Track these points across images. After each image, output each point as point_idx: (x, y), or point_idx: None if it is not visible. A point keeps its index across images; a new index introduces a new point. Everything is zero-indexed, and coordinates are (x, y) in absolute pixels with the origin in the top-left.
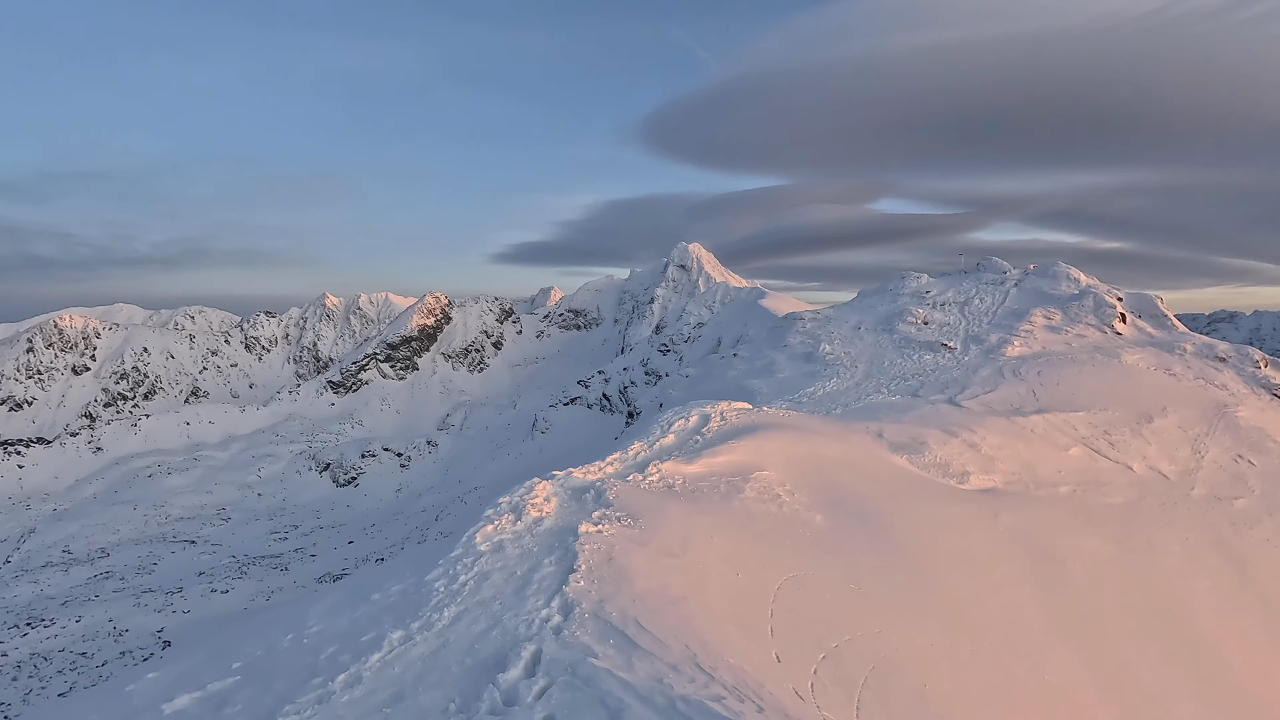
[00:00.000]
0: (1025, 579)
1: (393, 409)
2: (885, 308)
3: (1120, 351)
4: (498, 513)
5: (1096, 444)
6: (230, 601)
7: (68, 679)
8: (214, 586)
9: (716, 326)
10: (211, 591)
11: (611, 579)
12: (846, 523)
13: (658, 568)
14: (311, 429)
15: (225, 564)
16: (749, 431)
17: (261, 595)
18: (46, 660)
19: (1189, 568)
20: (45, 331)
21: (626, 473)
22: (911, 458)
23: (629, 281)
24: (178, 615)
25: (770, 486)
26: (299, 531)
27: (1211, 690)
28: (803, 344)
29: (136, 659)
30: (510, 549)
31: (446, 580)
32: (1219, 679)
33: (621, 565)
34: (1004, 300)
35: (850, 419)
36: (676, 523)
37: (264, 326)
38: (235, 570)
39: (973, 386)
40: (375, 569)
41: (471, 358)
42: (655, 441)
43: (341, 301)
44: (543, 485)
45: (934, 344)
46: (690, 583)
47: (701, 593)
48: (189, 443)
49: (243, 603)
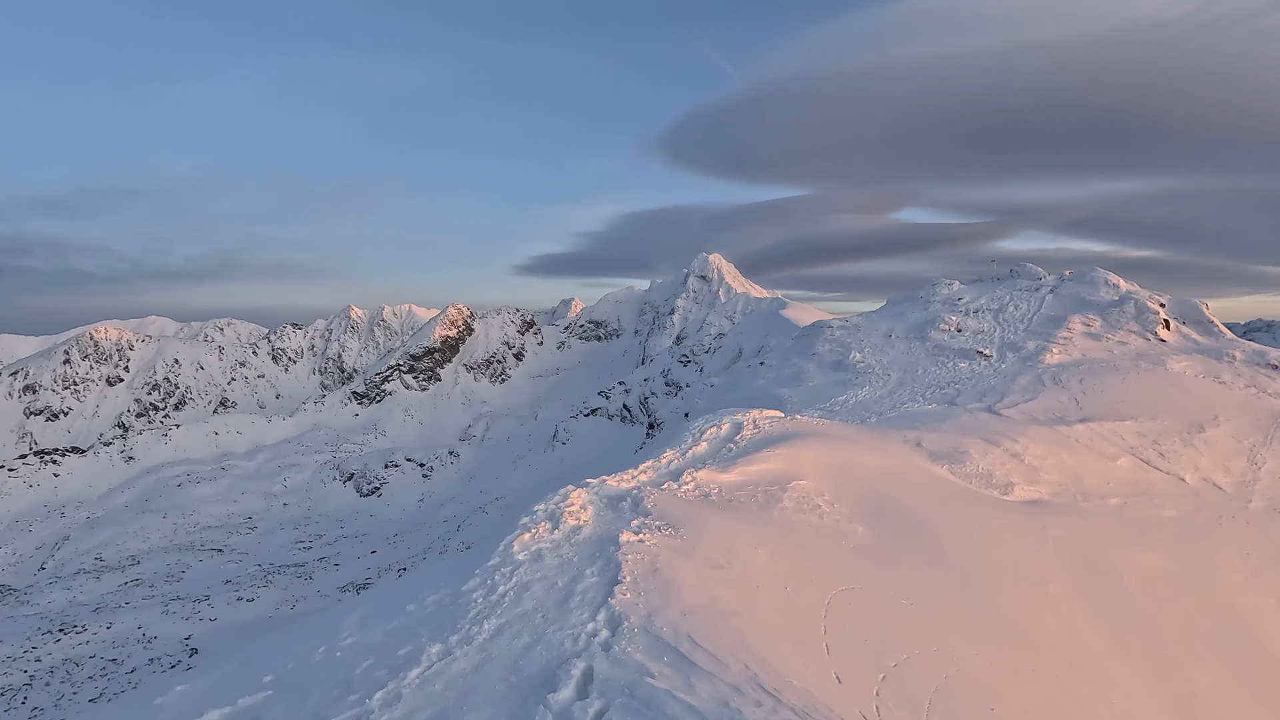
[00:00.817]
0: (1080, 595)
1: (415, 419)
2: (916, 315)
3: (1165, 359)
4: (534, 521)
5: (1145, 454)
6: (256, 610)
7: (98, 685)
8: (240, 595)
9: (737, 337)
10: (238, 600)
11: (658, 591)
12: (890, 535)
13: (704, 580)
14: (336, 439)
15: (251, 572)
16: (784, 439)
17: (286, 604)
18: (78, 666)
19: (1253, 584)
20: (81, 344)
21: (661, 481)
22: (952, 467)
23: (649, 293)
24: (204, 623)
25: (809, 496)
26: (323, 541)
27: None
28: (832, 352)
29: (164, 666)
30: (549, 558)
31: (484, 591)
32: None
33: (667, 577)
34: (1040, 307)
35: (887, 427)
36: (718, 532)
37: (290, 338)
38: (261, 579)
39: (1012, 395)
40: (408, 579)
41: (493, 368)
42: (688, 449)
43: (366, 313)
44: (578, 493)
45: (969, 351)
46: (739, 596)
47: (751, 607)
48: (217, 452)
49: (268, 611)
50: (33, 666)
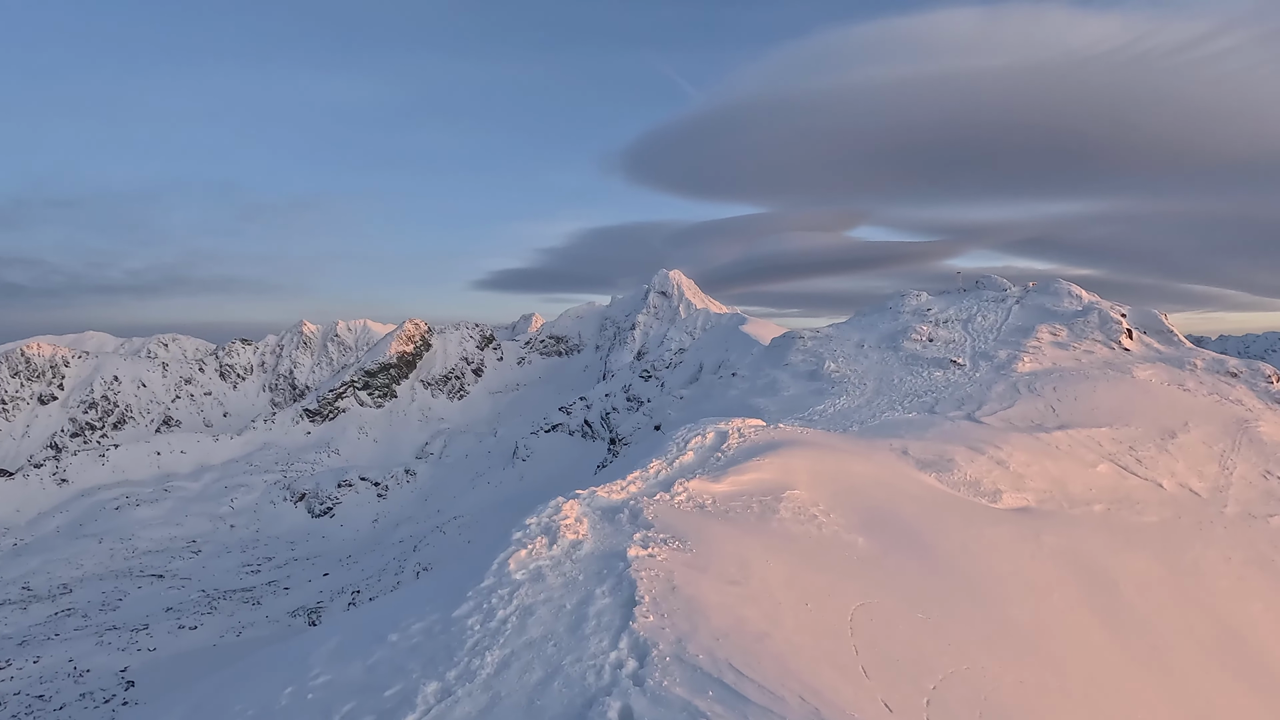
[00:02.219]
0: (1083, 604)
1: (370, 437)
2: (887, 325)
3: (1131, 367)
4: (528, 536)
5: (1123, 460)
6: (199, 638)
7: None
8: (182, 623)
9: (698, 352)
10: (179, 628)
11: (683, 612)
12: (891, 546)
13: (726, 598)
14: (287, 458)
15: (194, 599)
16: (771, 448)
17: (232, 631)
18: (1, 704)
19: (1239, 589)
20: (11, 360)
21: (652, 491)
22: (940, 475)
23: (610, 308)
24: (143, 654)
25: (805, 506)
26: (272, 564)
27: None
28: (805, 362)
29: (98, 701)
30: (551, 577)
31: (481, 616)
32: None
33: (688, 595)
34: (1007, 317)
35: (871, 436)
36: (726, 545)
37: (239, 354)
38: (205, 605)
39: (990, 402)
40: (385, 604)
41: (451, 385)
42: (675, 459)
43: (319, 329)
44: (571, 505)
45: (942, 360)
46: (765, 615)
47: (780, 627)
48: (159, 473)
49: (212, 639)
50: None
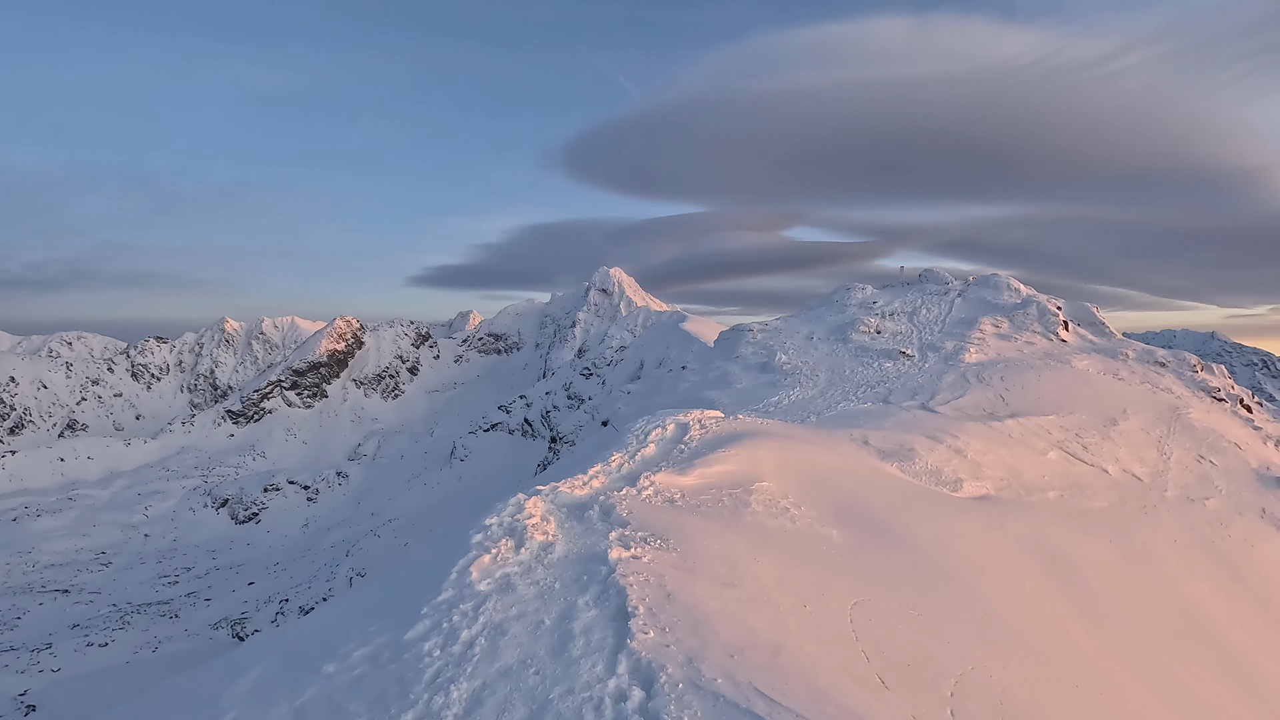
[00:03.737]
0: (1054, 592)
1: (299, 439)
2: (835, 318)
3: (1070, 357)
4: (490, 538)
5: (1071, 447)
6: (110, 655)
7: None
8: (90, 640)
9: (639, 349)
10: (87, 645)
11: (686, 624)
12: (865, 539)
13: (726, 603)
14: (208, 462)
15: (104, 614)
16: (735, 440)
17: (147, 647)
18: None
19: (1187, 571)
20: None
21: (617, 486)
22: (902, 465)
23: (550, 305)
24: (45, 675)
25: (775, 499)
26: (192, 574)
27: (1262, 703)
28: (756, 354)
29: None
30: (523, 587)
31: (441, 638)
32: (1262, 689)
33: (686, 604)
34: (950, 310)
35: (830, 426)
36: (710, 542)
37: (154, 353)
38: (116, 621)
39: (942, 392)
40: (316, 623)
41: (385, 384)
42: (636, 452)
43: (243, 326)
44: (534, 502)
45: (892, 352)
46: (770, 623)
47: (788, 635)
48: (63, 481)
49: (124, 656)
50: None
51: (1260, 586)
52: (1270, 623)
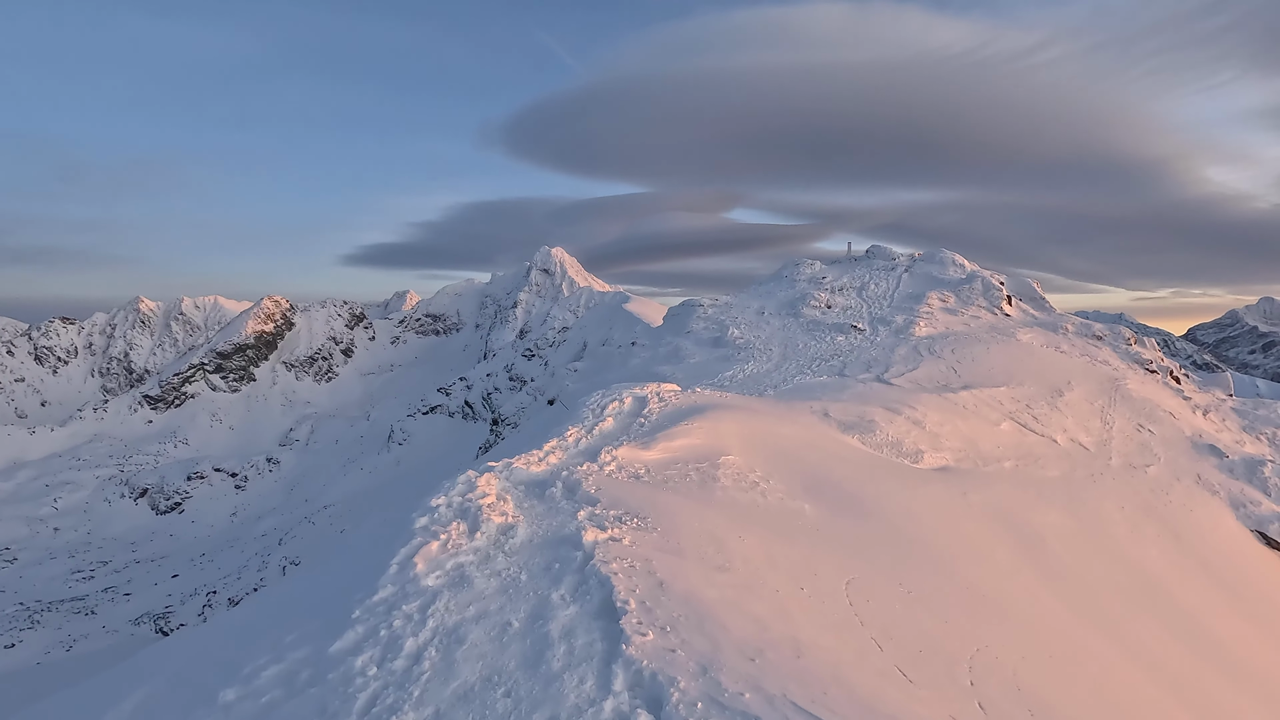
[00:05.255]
0: (1024, 563)
1: (225, 425)
2: (785, 293)
3: (1014, 331)
4: (438, 521)
5: (1022, 418)
6: (19, 656)
7: None
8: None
9: (582, 330)
10: None
11: (689, 621)
12: (837, 512)
13: (725, 591)
14: (123, 450)
15: (11, 613)
16: (696, 412)
17: (60, 645)
18: None
19: (1136, 538)
20: None
21: (577, 461)
22: (863, 437)
23: (490, 285)
24: None
25: (743, 472)
26: (109, 568)
27: (1224, 665)
28: (707, 330)
29: None
30: (481, 579)
31: (379, 650)
32: (1220, 652)
33: (682, 593)
34: (898, 285)
35: (788, 399)
36: (690, 520)
37: (60, 335)
38: (24, 620)
39: (896, 365)
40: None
41: (318, 366)
42: (594, 426)
43: (160, 306)
44: (486, 479)
45: (843, 326)
46: (777, 612)
47: (800, 627)
48: None
49: (36, 657)
50: None
51: (1200, 549)
52: (1212, 583)
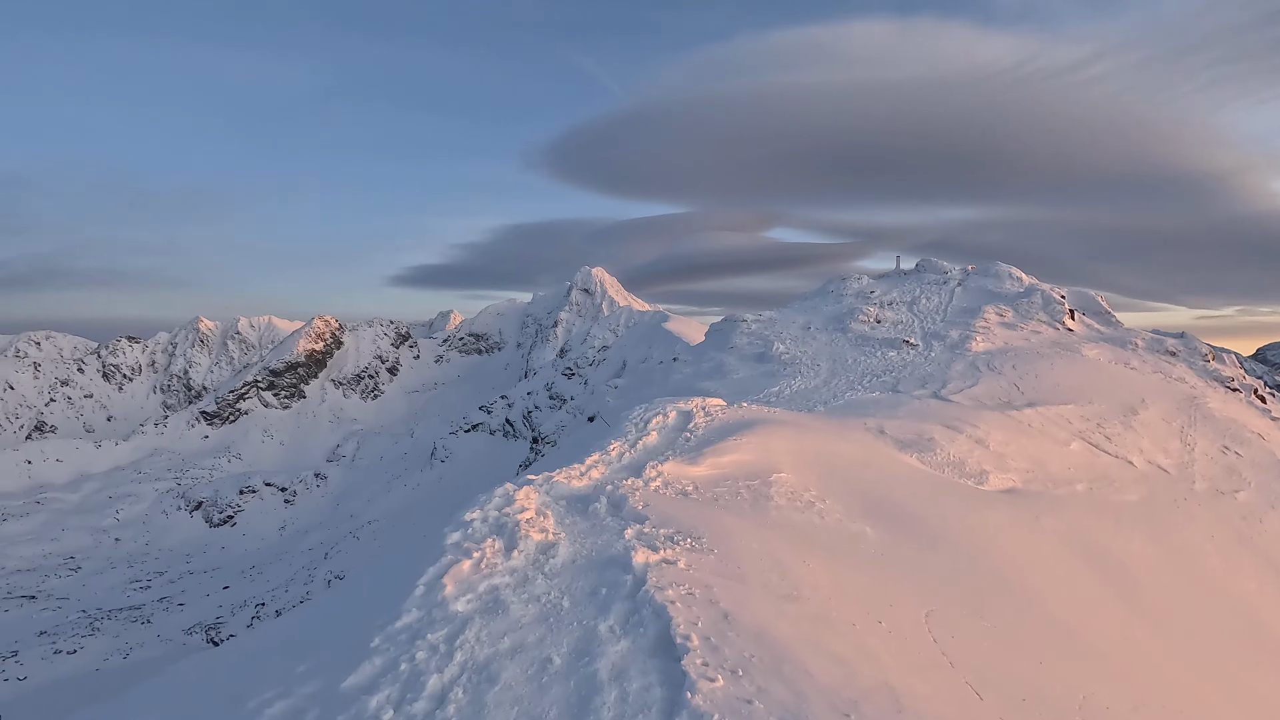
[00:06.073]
0: (1109, 594)
1: (276, 440)
2: (831, 308)
3: (1078, 346)
4: (471, 538)
5: (1093, 438)
6: (79, 663)
7: None
8: (58, 647)
9: (621, 349)
10: (55, 653)
11: (764, 664)
12: (901, 536)
13: (799, 626)
14: (181, 464)
15: (73, 620)
16: (744, 428)
17: (118, 653)
18: None
19: (1229, 569)
20: None
21: (620, 476)
22: (922, 456)
23: (532, 305)
24: (12, 684)
25: (797, 491)
26: (164, 579)
27: None
28: (751, 345)
29: None
30: (518, 605)
31: (396, 689)
32: None
33: (752, 628)
34: (951, 299)
35: (840, 415)
36: (749, 541)
37: (126, 353)
38: (85, 627)
39: (954, 380)
40: (236, 651)
41: (365, 384)
42: (637, 440)
43: (218, 325)
44: (524, 492)
45: (894, 341)
46: (860, 652)
47: (889, 671)
48: (30, 484)
49: (94, 664)
50: None
51: None
52: None
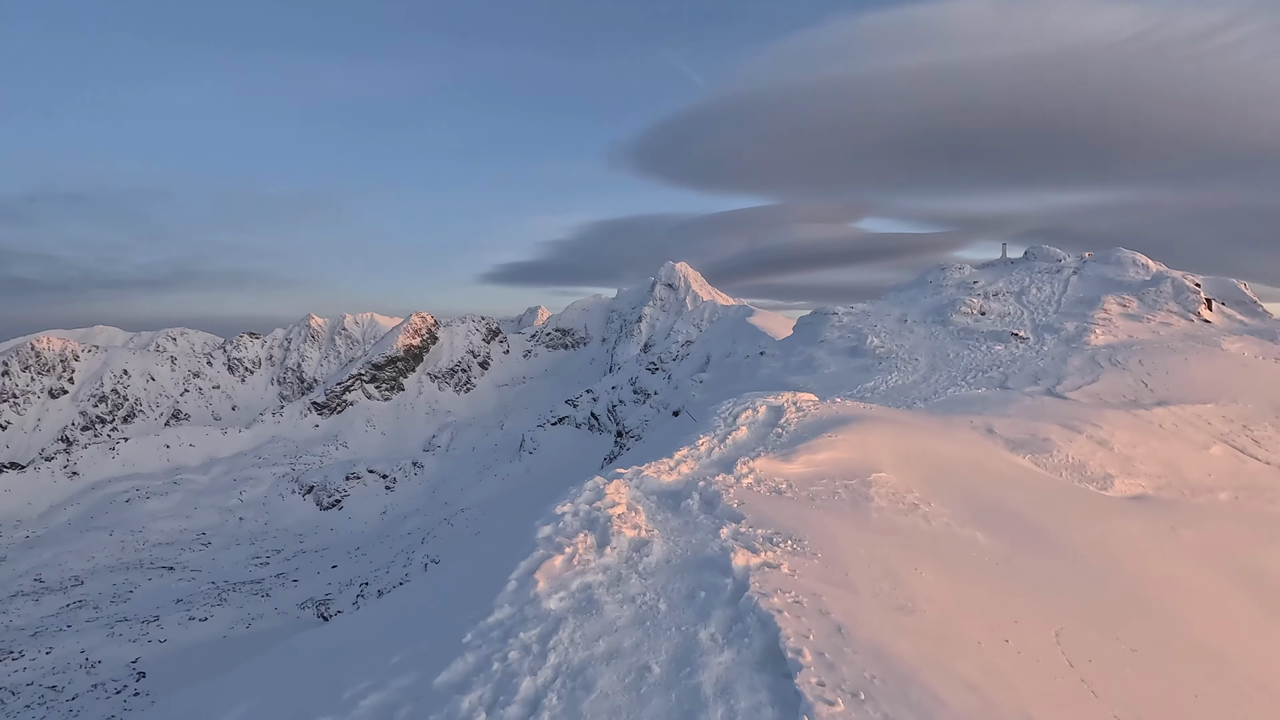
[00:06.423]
0: (1265, 618)
1: (378, 430)
2: (929, 300)
3: (1217, 339)
4: (563, 532)
5: (1239, 441)
6: (209, 629)
7: (35, 713)
8: (192, 614)
9: (705, 344)
10: (189, 619)
11: (885, 687)
12: (1016, 543)
13: (920, 643)
14: (295, 451)
15: (204, 591)
16: (840, 424)
17: (241, 623)
18: (14, 694)
19: None
20: (22, 354)
21: (710, 472)
22: (1036, 457)
23: (616, 300)
24: (153, 645)
25: (899, 492)
26: (281, 556)
27: None
28: (843, 339)
29: (109, 691)
30: (612, 606)
31: (489, 690)
32: None
33: (868, 644)
34: (1065, 289)
35: (943, 412)
36: (852, 545)
37: (247, 348)
38: (214, 597)
39: (1070, 376)
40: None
41: (458, 378)
42: (727, 436)
43: (327, 322)
44: (615, 486)
45: (1001, 334)
46: (988, 674)
47: (1024, 699)
48: (169, 466)
49: (222, 631)
50: None
51: None
52: None
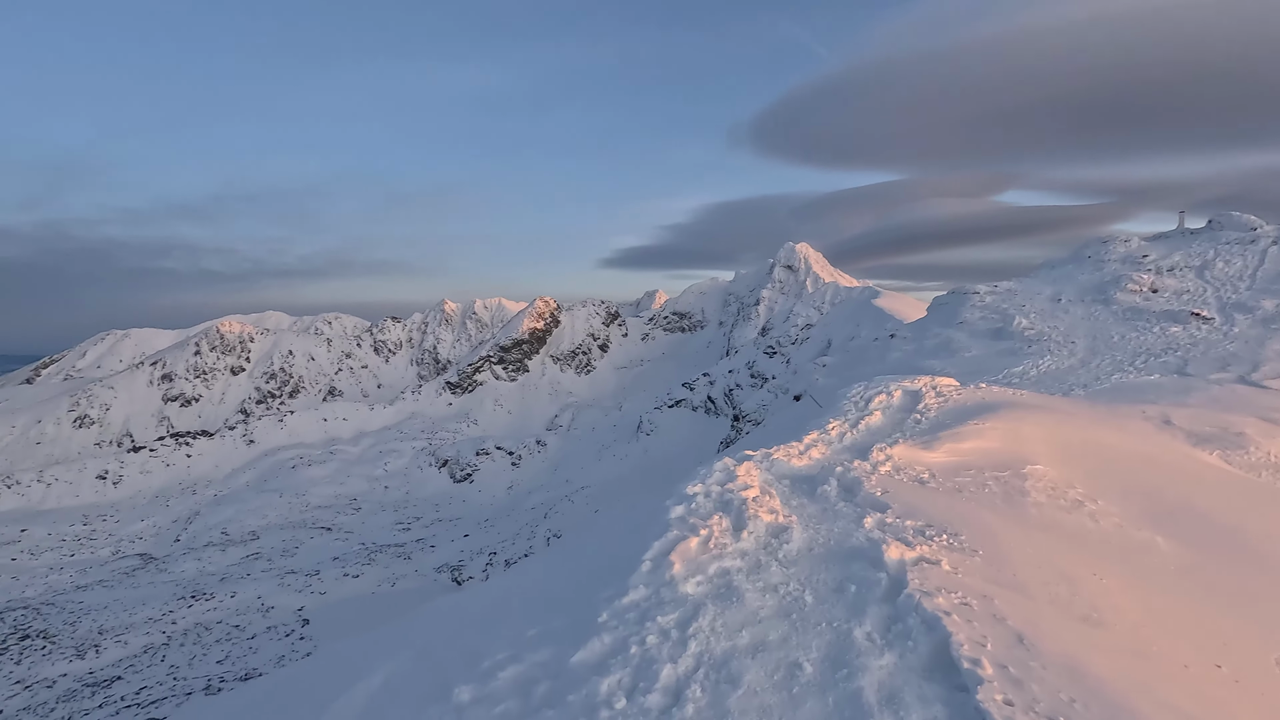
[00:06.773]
0: None
1: (505, 409)
2: (1088, 276)
3: None
4: (696, 514)
5: None
6: (360, 585)
7: (224, 648)
8: (346, 571)
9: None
10: (344, 575)
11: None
12: (1210, 553)
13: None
14: (431, 427)
15: (356, 550)
16: (987, 411)
17: (387, 581)
18: (207, 630)
19: None
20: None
21: (844, 458)
22: (1226, 454)
23: (734, 283)
24: (316, 596)
25: (1059, 488)
26: (420, 523)
27: None
28: (985, 320)
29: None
30: (752, 593)
31: (628, 674)
32: None
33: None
34: (1261, 262)
35: (1108, 401)
36: (1017, 543)
37: (390, 331)
38: (364, 557)
39: (1271, 362)
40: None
41: (579, 360)
42: (860, 420)
43: (459, 307)
44: (745, 467)
45: (1178, 314)
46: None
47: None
48: (326, 437)
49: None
50: (170, 628)
51: None
52: None
